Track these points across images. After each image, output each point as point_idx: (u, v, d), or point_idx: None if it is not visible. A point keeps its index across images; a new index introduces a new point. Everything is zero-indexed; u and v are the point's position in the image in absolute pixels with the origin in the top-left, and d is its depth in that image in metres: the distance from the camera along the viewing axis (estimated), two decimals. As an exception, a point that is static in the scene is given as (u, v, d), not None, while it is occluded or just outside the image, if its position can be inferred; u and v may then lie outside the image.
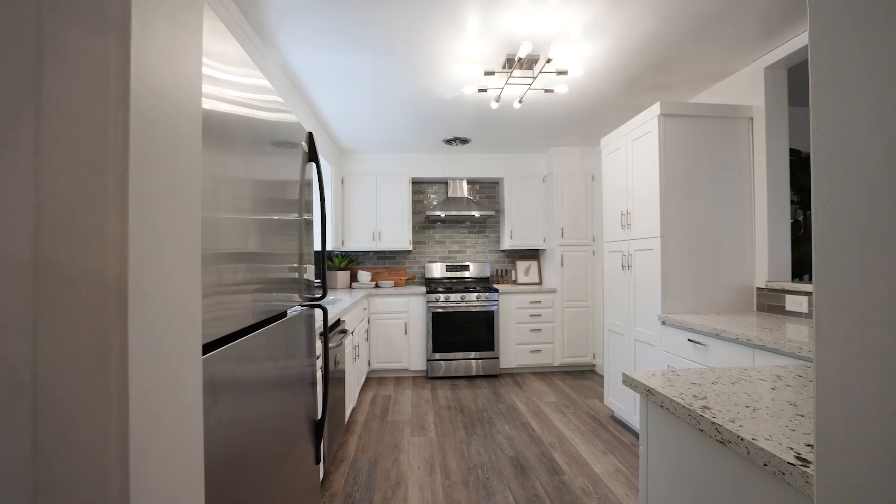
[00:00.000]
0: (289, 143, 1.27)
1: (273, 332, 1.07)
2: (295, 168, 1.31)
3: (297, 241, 1.33)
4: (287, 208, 1.22)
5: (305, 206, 1.43)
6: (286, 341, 1.18)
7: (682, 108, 2.64)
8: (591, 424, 3.20)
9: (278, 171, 1.16)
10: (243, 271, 0.87)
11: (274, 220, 1.10)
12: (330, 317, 2.52)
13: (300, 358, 1.32)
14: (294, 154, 1.31)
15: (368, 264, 5.20)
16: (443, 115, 3.61)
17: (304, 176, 1.42)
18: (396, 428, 3.18)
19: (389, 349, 4.49)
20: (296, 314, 1.29)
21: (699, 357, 2.24)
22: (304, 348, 1.37)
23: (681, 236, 2.63)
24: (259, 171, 1.00)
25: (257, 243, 0.96)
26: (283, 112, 1.23)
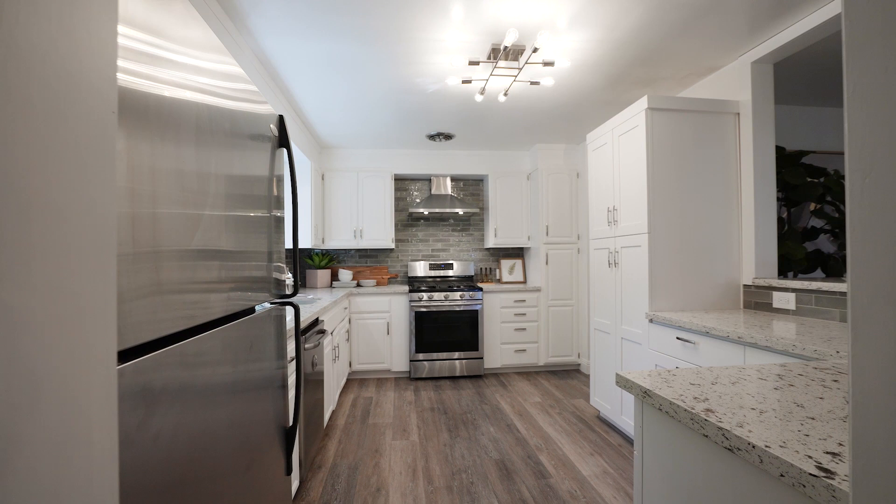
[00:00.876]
0: (257, 136, 1.16)
1: (232, 332, 0.96)
2: (263, 163, 1.20)
3: (266, 238, 1.22)
4: (252, 204, 1.11)
5: (276, 202, 1.32)
6: (250, 342, 1.06)
7: (669, 101, 2.59)
8: (577, 425, 3.14)
9: (243, 164, 1.04)
10: (191, 269, 0.76)
11: (234, 216, 0.99)
12: (307, 316, 2.40)
13: (268, 360, 1.21)
14: (262, 148, 1.20)
15: (350, 263, 5.07)
16: (426, 109, 3.51)
17: (273, 171, 1.30)
18: (378, 431, 3.07)
19: (371, 350, 4.37)
20: (263, 313, 1.18)
21: (688, 355, 2.19)
22: (273, 349, 1.26)
23: (668, 233, 2.58)
24: (216, 164, 0.89)
25: (210, 240, 0.85)
26: (251, 102, 1.12)
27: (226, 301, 0.90)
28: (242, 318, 1.04)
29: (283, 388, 1.34)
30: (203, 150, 0.83)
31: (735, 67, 2.70)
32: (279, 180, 1.35)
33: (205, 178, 0.83)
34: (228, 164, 0.95)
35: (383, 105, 3.42)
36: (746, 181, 2.62)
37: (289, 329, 1.84)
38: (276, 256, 1.30)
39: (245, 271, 1.05)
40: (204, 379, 0.80)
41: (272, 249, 1.27)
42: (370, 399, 3.77)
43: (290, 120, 3.48)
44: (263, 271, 1.18)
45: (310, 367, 2.40)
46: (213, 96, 0.89)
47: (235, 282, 0.99)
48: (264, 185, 1.21)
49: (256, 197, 1.14)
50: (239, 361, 0.99)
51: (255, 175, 1.14)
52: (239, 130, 1.03)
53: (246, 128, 1.08)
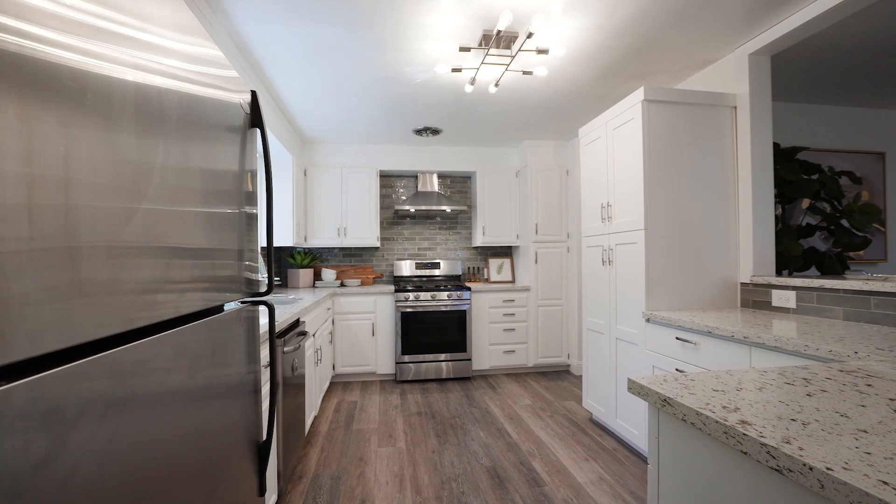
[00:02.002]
0: (226, 126, 1.01)
1: (189, 336, 0.81)
2: (231, 155, 1.05)
3: (236, 235, 1.07)
4: (218, 199, 0.97)
5: (247, 197, 1.17)
6: (213, 347, 0.91)
7: (666, 93, 2.50)
8: (569, 428, 3.03)
9: (205, 156, 0.90)
10: (128, 268, 0.62)
11: (192, 212, 0.84)
12: (287, 317, 2.24)
13: (237, 365, 1.06)
14: (231, 140, 1.05)
15: (333, 262, 4.89)
16: (413, 101, 3.38)
17: (245, 164, 1.15)
18: (362, 438, 2.92)
19: (355, 352, 4.21)
20: (230, 314, 1.03)
21: (689, 356, 2.10)
22: (243, 353, 1.11)
23: (665, 229, 2.50)
24: (168, 154, 0.75)
25: (157, 236, 0.71)
26: (220, 89, 0.97)
27: (178, 301, 0.76)
28: (204, 320, 0.89)
29: (256, 397, 1.19)
30: (148, 138, 0.69)
31: (732, 60, 2.63)
32: (252, 175, 1.20)
33: (148, 169, 0.69)
34: (185, 154, 0.81)
35: (369, 96, 3.27)
36: (744, 177, 2.55)
37: (264, 332, 1.68)
38: (249, 254, 1.15)
39: (207, 269, 0.90)
40: (150, 390, 0.65)
41: (243, 247, 1.12)
42: (355, 403, 3.61)
43: (271, 111, 3.30)
44: (232, 269, 1.04)
45: (290, 372, 2.25)
46: (171, 79, 0.75)
47: (195, 281, 0.84)
48: (233, 179, 1.06)
49: (222, 191, 0.99)
50: (198, 368, 0.84)
51: (222, 168, 0.99)
52: (203, 118, 0.89)
53: (213, 116, 0.94)
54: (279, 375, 2.04)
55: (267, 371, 1.80)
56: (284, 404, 2.14)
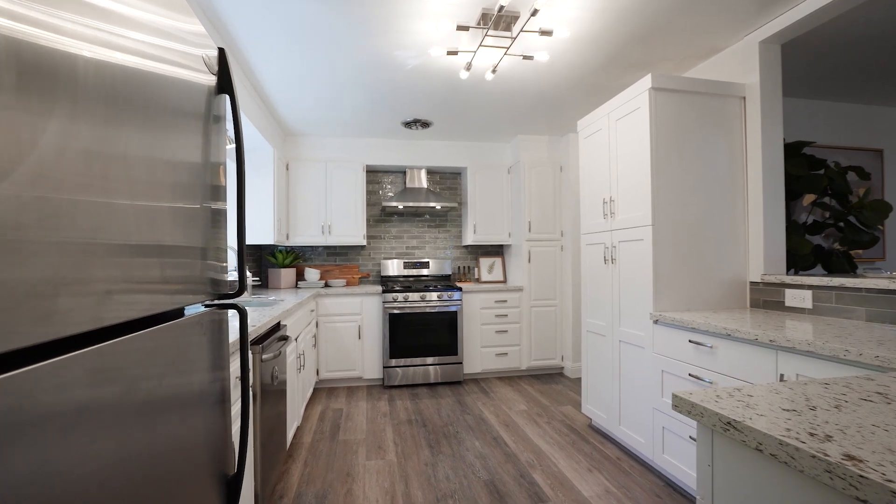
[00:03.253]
0: (185, 113, 0.81)
1: (128, 347, 0.61)
2: (193, 145, 0.85)
3: (199, 232, 0.87)
4: (174, 193, 0.77)
5: (213, 192, 0.96)
6: (168, 357, 0.71)
7: (674, 81, 2.37)
8: (569, 436, 2.88)
9: (156, 144, 0.71)
10: (42, 267, 0.43)
11: (135, 206, 0.64)
12: (266, 321, 2.02)
13: (197, 381, 0.86)
14: (193, 129, 0.86)
15: (317, 261, 4.66)
16: (403, 90, 3.18)
17: (211, 155, 0.96)
18: (349, 450, 2.71)
19: (341, 356, 3.99)
20: (188, 320, 0.83)
21: (704, 361, 1.96)
22: (206, 366, 0.90)
23: (673, 225, 2.36)
24: (100, 141, 0.56)
25: (77, 232, 0.51)
26: (181, 67, 0.78)
27: (99, 307, 0.56)
28: (154, 328, 0.69)
29: (223, 420, 0.99)
30: (74, 122, 0.50)
31: (740, 48, 2.51)
32: (222, 169, 1.00)
33: (71, 156, 0.50)
34: (125, 141, 0.62)
35: (355, 84, 3.06)
36: (754, 171, 2.43)
37: (236, 340, 1.47)
38: (214, 253, 0.95)
39: (155, 269, 0.70)
40: (74, 410, 0.45)
41: (207, 245, 0.92)
42: (340, 411, 3.39)
43: (249, 98, 3.07)
44: (192, 269, 0.83)
45: (269, 380, 2.03)
46: (119, 52, 0.56)
47: (137, 283, 0.64)
48: (195, 171, 0.86)
49: (180, 185, 0.79)
50: (144, 384, 0.64)
51: (180, 160, 0.79)
52: (159, 102, 0.70)
53: (173, 99, 0.75)
54: (257, 387, 1.82)
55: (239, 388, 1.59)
56: (264, 415, 1.92)
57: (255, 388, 1.83)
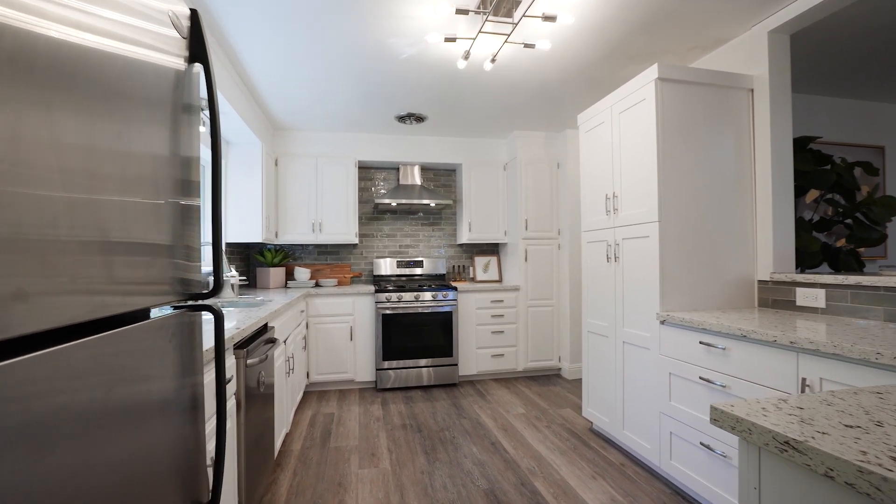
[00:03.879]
0: (146, 94, 0.69)
1: (77, 353, 0.48)
2: (158, 135, 0.73)
3: (166, 229, 0.75)
4: (128, 186, 0.64)
5: (183, 186, 0.83)
6: (124, 364, 0.59)
7: (680, 72, 2.27)
8: (570, 440, 2.77)
9: (116, 134, 0.58)
10: None
11: (83, 199, 0.52)
12: (253, 322, 1.88)
13: (162, 393, 0.73)
14: (157, 120, 0.73)
15: (307, 260, 4.51)
16: (398, 82, 3.05)
17: (182, 147, 0.83)
18: (341, 457, 2.58)
19: (332, 358, 3.85)
20: (152, 323, 0.70)
21: (716, 364, 1.86)
22: (174, 376, 0.78)
23: (680, 222, 2.26)
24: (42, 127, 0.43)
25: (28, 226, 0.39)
26: (143, 47, 0.65)
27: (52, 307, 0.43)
28: (101, 334, 0.56)
29: (194, 438, 0.86)
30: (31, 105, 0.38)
31: (747, 39, 2.42)
32: (189, 163, 0.88)
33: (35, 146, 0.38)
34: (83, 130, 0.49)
35: (347, 74, 2.93)
36: (762, 165, 2.35)
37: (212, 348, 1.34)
38: (184, 251, 0.82)
39: (102, 269, 0.57)
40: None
41: (176, 242, 0.79)
42: (331, 416, 3.26)
43: (237, 90, 2.92)
44: (155, 268, 0.71)
45: (255, 385, 1.90)
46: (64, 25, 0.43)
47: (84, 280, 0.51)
48: (159, 164, 0.74)
49: (139, 178, 0.67)
50: (98, 394, 0.51)
51: (138, 151, 0.67)
52: (117, 85, 0.58)
53: (135, 84, 0.62)
54: (241, 394, 1.69)
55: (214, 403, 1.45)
56: (249, 423, 1.79)
57: (240, 395, 1.70)
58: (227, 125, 3.13)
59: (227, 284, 3.13)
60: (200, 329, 0.87)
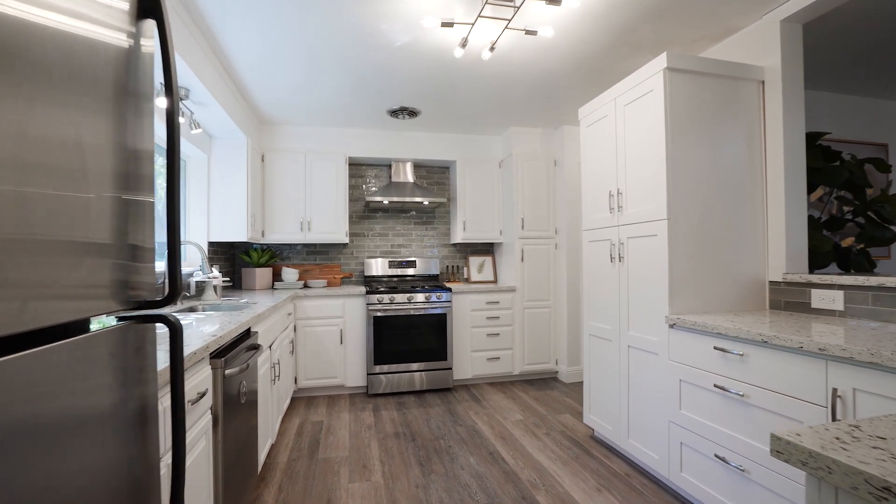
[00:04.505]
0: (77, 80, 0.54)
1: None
2: (87, 122, 0.57)
3: (98, 227, 0.59)
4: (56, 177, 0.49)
5: (127, 179, 0.68)
6: (48, 392, 0.44)
7: (690, 62, 2.16)
8: (571, 449, 2.65)
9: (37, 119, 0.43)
10: None
11: None
12: (233, 328, 1.72)
13: (99, 415, 0.57)
14: (89, 105, 0.58)
15: (295, 260, 4.34)
16: (390, 72, 2.90)
17: (125, 139, 0.67)
18: (330, 470, 2.42)
19: (321, 362, 3.68)
20: (88, 339, 0.55)
21: (733, 371, 1.74)
22: (108, 396, 0.62)
23: (689, 220, 2.15)
24: None
25: None
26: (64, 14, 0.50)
27: None
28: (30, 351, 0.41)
29: (145, 461, 0.71)
30: None
31: (758, 28, 2.32)
32: (137, 152, 0.72)
33: None
34: None
35: (337, 64, 2.77)
36: (773, 161, 2.24)
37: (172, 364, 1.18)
38: (129, 251, 0.67)
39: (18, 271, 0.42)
40: None
41: (117, 242, 0.64)
42: (320, 424, 3.09)
43: (220, 80, 2.75)
44: (90, 271, 0.56)
45: (235, 397, 1.74)
46: None
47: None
48: (92, 154, 0.58)
49: (57, 169, 0.52)
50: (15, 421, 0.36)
51: (67, 138, 0.52)
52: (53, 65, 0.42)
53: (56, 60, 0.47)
54: (218, 408, 1.53)
55: (199, 414, 1.29)
56: (228, 438, 1.63)
57: (217, 408, 1.54)
58: (209, 118, 2.96)
59: (209, 286, 2.95)
60: (153, 343, 0.71)
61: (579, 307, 4.08)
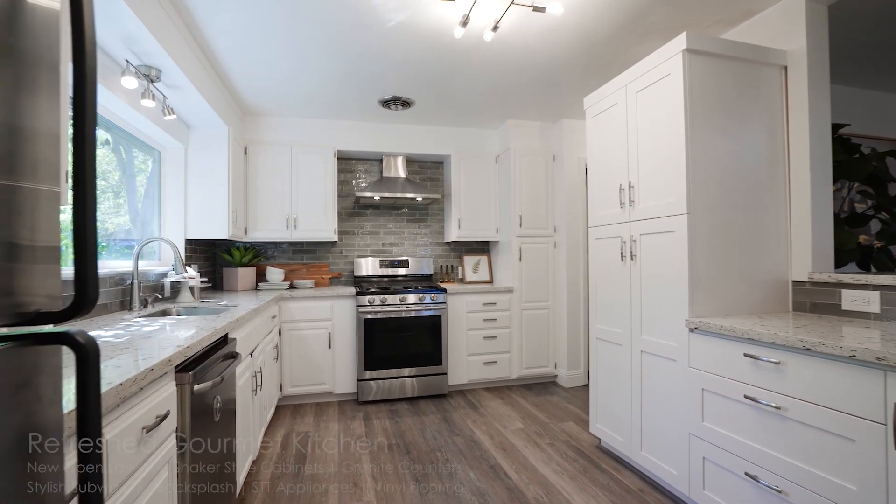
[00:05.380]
0: None
1: None
2: None
3: None
4: None
5: (20, 164, 0.47)
6: None
7: (712, 43, 1.99)
8: (577, 461, 2.47)
9: None
10: None
11: None
12: (204, 336, 1.50)
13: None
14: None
15: (281, 259, 4.10)
16: (382, 56, 2.70)
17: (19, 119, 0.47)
18: (317, 490, 2.21)
19: (309, 368, 3.46)
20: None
21: (766, 380, 1.57)
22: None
23: (710, 215, 1.98)
24: None
25: None
26: None
27: None
28: None
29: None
30: None
31: (780, 10, 2.16)
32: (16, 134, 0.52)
33: None
34: None
35: (326, 48, 2.56)
36: (797, 152, 2.08)
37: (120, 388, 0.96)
38: (6, 250, 0.46)
39: None
40: None
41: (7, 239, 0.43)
42: (307, 435, 2.87)
43: (197, 63, 2.51)
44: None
45: (208, 414, 1.52)
46: None
47: None
48: None
49: None
50: None
51: None
52: None
53: None
54: (186, 428, 1.31)
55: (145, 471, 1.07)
56: (200, 461, 1.42)
57: (184, 428, 1.32)
58: (185, 104, 2.72)
59: (185, 288, 2.71)
60: (55, 369, 0.51)
61: (579, 308, 3.91)
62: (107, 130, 2.43)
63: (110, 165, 2.64)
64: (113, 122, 2.39)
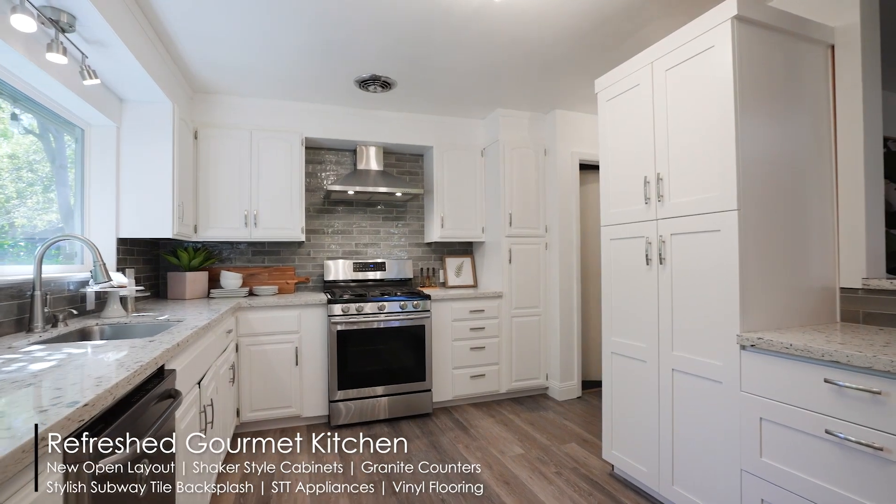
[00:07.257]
0: None
1: None
2: None
3: None
4: None
5: None
6: None
7: (764, 12, 1.71)
8: (593, 495, 2.14)
9: None
10: None
11: None
12: (114, 384, 1.04)
13: None
14: None
15: (239, 262, 3.57)
16: (362, 28, 2.27)
17: None
18: (285, 552, 1.76)
19: (272, 389, 2.97)
20: None
21: (857, 413, 1.28)
22: None
23: (761, 213, 1.69)
24: None
25: None
26: None
27: None
28: None
29: None
30: None
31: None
32: None
33: None
34: None
35: (295, 11, 2.10)
36: (848, 142, 1.84)
37: None
38: None
39: None
40: None
41: None
42: (270, 477, 2.39)
43: (129, 12, 2.00)
44: None
45: (123, 491, 1.06)
46: None
47: None
48: None
49: None
50: None
51: None
52: None
53: None
54: None
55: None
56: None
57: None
58: (115, 68, 2.19)
59: (114, 299, 2.17)
60: None
61: (573, 315, 3.61)
62: (13, 101, 1.88)
63: (38, 155, 2.14)
64: (7, 82, 1.81)
